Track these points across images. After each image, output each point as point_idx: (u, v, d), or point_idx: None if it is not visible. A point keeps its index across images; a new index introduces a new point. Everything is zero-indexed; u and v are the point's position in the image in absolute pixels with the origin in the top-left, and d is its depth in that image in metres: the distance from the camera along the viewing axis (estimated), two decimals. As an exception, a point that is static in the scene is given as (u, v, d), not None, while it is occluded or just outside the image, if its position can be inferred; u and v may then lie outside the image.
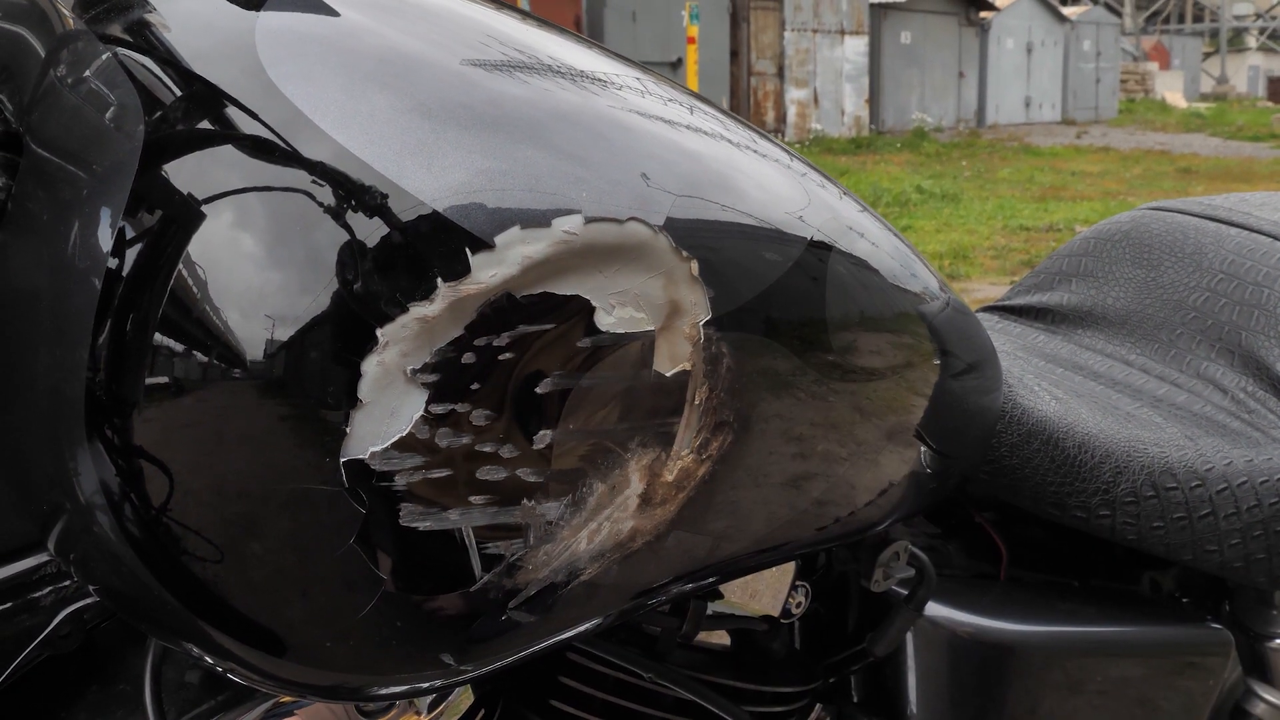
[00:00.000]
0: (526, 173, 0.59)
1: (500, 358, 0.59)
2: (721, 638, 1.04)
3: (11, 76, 0.72)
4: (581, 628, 0.69)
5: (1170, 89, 36.13)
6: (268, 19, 0.63)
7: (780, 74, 19.65)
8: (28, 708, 0.74)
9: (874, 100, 21.72)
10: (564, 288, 0.60)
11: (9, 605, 0.68)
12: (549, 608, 0.65)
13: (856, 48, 21.02)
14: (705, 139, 0.71)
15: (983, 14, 24.82)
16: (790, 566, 1.01)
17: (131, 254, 0.57)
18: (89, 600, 0.71)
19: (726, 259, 0.66)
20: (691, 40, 15.77)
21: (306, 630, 0.62)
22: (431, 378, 0.57)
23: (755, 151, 0.75)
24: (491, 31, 0.69)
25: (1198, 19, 49.98)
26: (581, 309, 0.61)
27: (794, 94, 19.84)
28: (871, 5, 21.37)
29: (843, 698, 1.17)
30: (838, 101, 20.76)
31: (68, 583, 0.70)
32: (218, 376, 0.56)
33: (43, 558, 0.69)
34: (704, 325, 0.64)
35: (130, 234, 0.57)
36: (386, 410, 0.57)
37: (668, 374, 0.64)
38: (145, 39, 0.66)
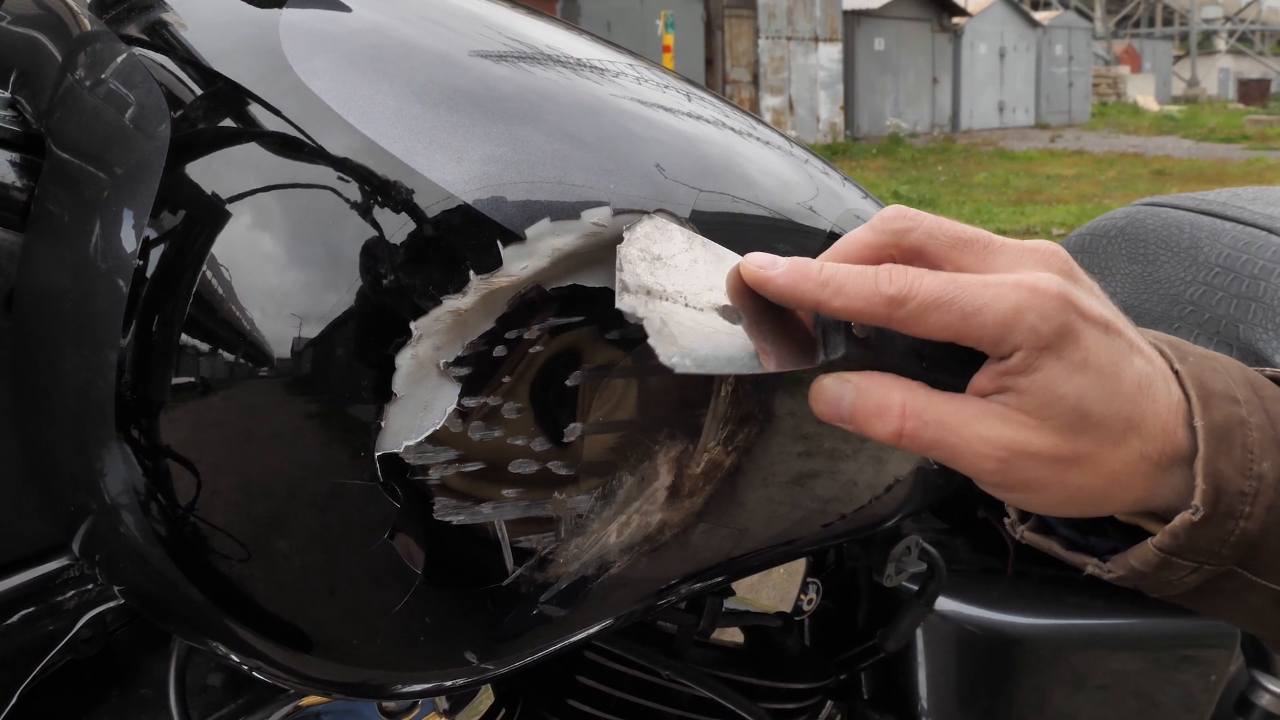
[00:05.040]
0: (554, 165, 0.59)
1: (531, 350, 0.59)
2: (734, 636, 1.04)
3: (30, 79, 0.71)
4: (604, 624, 0.69)
5: (1142, 92, 36.36)
6: (290, 16, 0.63)
7: (755, 81, 19.69)
8: (49, 713, 0.74)
9: (849, 107, 21.79)
10: (593, 279, 0.60)
11: (32, 609, 0.68)
12: (577, 603, 0.65)
13: (830, 55, 21.09)
14: (713, 128, 0.72)
15: (955, 20, 24.94)
16: (801, 563, 1.01)
17: (159, 254, 0.57)
18: (112, 604, 0.71)
19: (749, 251, 0.66)
20: (667, 49, 15.82)
21: (334, 627, 0.62)
22: (464, 370, 0.57)
23: (759, 140, 0.75)
24: (507, 25, 0.69)
25: (1167, 22, 50.32)
26: (610, 301, 0.61)
27: (769, 101, 19.88)
28: (845, 12, 21.44)
29: (853, 694, 1.17)
30: (813, 108, 20.82)
31: (90, 586, 0.70)
32: (248, 375, 0.56)
33: (64, 561, 0.69)
34: None
35: (157, 234, 0.57)
36: (420, 404, 0.57)
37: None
38: (165, 39, 0.66)
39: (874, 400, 0.54)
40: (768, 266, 0.54)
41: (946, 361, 0.55)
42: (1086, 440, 0.54)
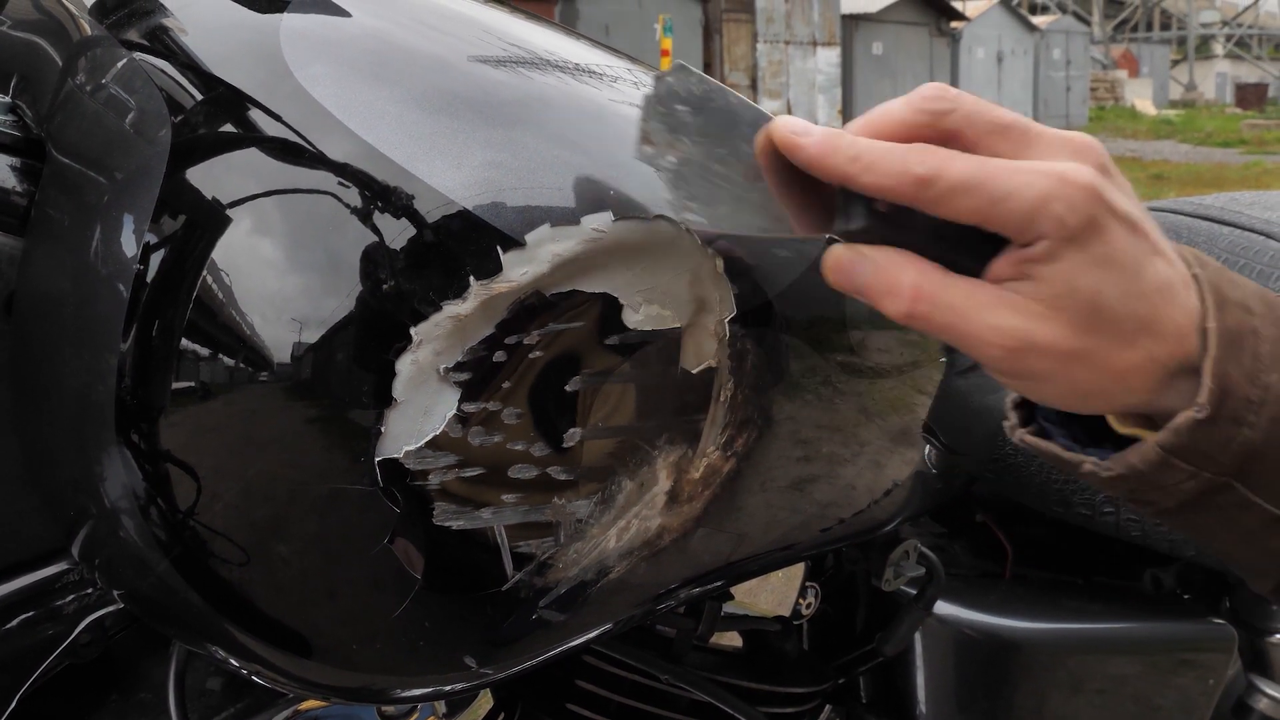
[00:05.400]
0: (554, 170, 0.59)
1: (530, 355, 0.59)
2: (732, 640, 1.04)
3: (31, 84, 0.72)
4: (603, 629, 0.70)
5: (1140, 96, 36.37)
6: (291, 22, 0.63)
7: (754, 86, 19.70)
8: (49, 717, 0.74)
9: (847, 111, 21.78)
10: (592, 285, 0.60)
11: (31, 613, 0.68)
12: (576, 607, 0.65)
13: (829, 59, 21.10)
14: None
15: (953, 24, 24.96)
16: (799, 567, 1.02)
17: (159, 259, 0.57)
18: (111, 608, 0.71)
19: (748, 255, 0.66)
20: (665, 53, 15.80)
21: (333, 631, 0.62)
22: (464, 376, 0.57)
23: None
24: (506, 31, 0.70)
25: (1165, 27, 50.34)
26: (609, 306, 0.61)
27: (767, 105, 19.84)
28: (843, 17, 21.45)
29: (852, 698, 1.17)
30: (811, 112, 20.82)
31: (90, 590, 0.70)
32: (248, 380, 0.56)
33: (64, 565, 0.69)
34: (729, 322, 0.65)
35: (157, 239, 0.57)
36: (420, 409, 0.57)
37: (694, 371, 0.64)
38: (165, 44, 0.66)
39: (888, 278, 0.53)
40: (800, 133, 0.53)
41: (967, 243, 0.53)
42: (1097, 337, 0.53)
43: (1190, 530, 0.60)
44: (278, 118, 0.59)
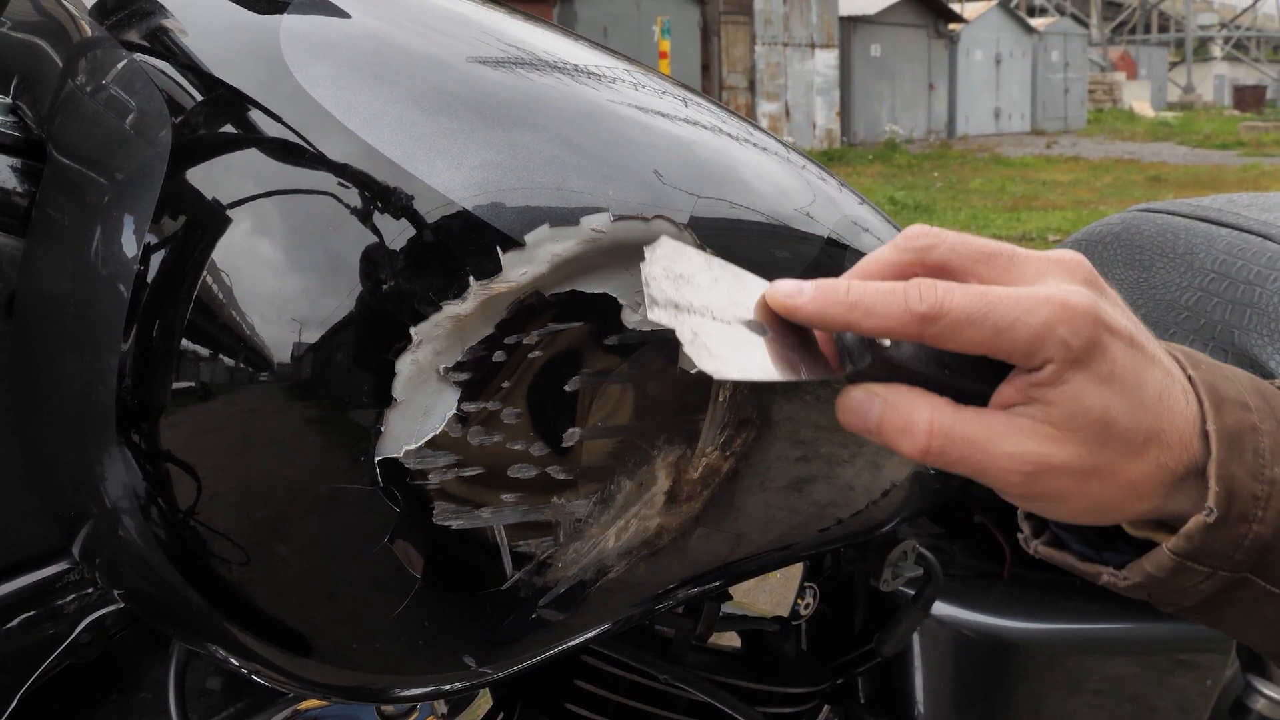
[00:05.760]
0: (553, 170, 0.60)
1: (530, 356, 0.59)
2: (731, 640, 1.04)
3: (31, 85, 0.72)
4: (602, 628, 0.70)
5: (1138, 98, 36.41)
6: (290, 22, 0.64)
7: (752, 87, 19.70)
8: (49, 716, 0.74)
9: (845, 113, 21.80)
10: (592, 285, 0.60)
11: (32, 613, 0.68)
12: (575, 607, 0.66)
13: (827, 61, 21.11)
14: (710, 134, 0.72)
15: (951, 26, 24.98)
16: (798, 568, 1.02)
17: (160, 259, 0.57)
18: (111, 608, 0.71)
19: (746, 257, 0.67)
20: (663, 55, 15.80)
21: (333, 631, 0.62)
22: (463, 376, 0.57)
23: (756, 145, 0.76)
24: (505, 31, 0.70)
25: (1163, 29, 50.41)
26: (609, 307, 0.61)
27: (765, 107, 19.88)
28: (841, 19, 21.46)
29: (850, 699, 1.17)
30: (809, 114, 20.83)
31: (90, 590, 0.70)
32: (248, 380, 0.57)
33: (65, 565, 0.69)
34: None
35: (157, 240, 0.58)
36: (420, 408, 0.57)
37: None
38: (165, 45, 0.66)
39: (901, 416, 0.54)
40: (794, 294, 0.54)
41: (970, 370, 0.54)
42: (1109, 452, 0.54)
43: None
44: (278, 118, 0.59)
